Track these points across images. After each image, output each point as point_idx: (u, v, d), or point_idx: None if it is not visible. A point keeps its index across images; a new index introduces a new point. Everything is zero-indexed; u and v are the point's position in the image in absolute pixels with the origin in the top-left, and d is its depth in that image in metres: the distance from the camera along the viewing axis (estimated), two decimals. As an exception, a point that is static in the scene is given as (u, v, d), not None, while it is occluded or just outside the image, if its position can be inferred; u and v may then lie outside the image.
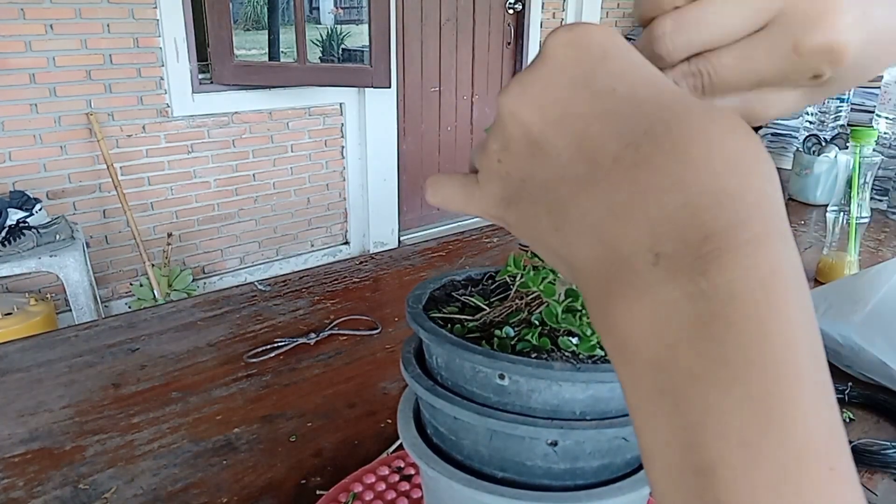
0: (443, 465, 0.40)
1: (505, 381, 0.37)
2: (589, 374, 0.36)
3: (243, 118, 3.24)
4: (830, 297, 0.88)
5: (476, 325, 0.41)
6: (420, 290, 0.45)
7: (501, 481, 0.39)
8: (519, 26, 4.26)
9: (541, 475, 0.39)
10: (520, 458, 0.39)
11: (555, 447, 0.38)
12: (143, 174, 3.01)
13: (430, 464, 0.40)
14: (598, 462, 0.39)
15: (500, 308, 0.42)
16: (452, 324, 0.41)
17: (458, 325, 0.41)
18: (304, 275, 1.10)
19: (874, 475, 0.65)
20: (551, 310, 0.38)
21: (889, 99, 1.57)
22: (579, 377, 0.36)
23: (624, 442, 0.38)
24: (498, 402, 0.38)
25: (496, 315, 0.41)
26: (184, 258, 3.24)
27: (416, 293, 0.44)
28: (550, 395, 0.37)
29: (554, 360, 0.36)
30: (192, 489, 0.62)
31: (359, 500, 0.58)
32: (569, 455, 0.38)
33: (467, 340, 0.38)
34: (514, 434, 0.37)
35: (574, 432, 0.37)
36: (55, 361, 0.83)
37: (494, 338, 0.39)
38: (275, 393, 0.77)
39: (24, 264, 2.39)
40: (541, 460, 0.38)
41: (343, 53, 4.15)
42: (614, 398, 0.37)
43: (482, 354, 0.36)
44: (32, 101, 2.67)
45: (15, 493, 0.61)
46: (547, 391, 0.37)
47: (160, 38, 2.90)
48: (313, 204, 3.63)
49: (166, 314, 0.96)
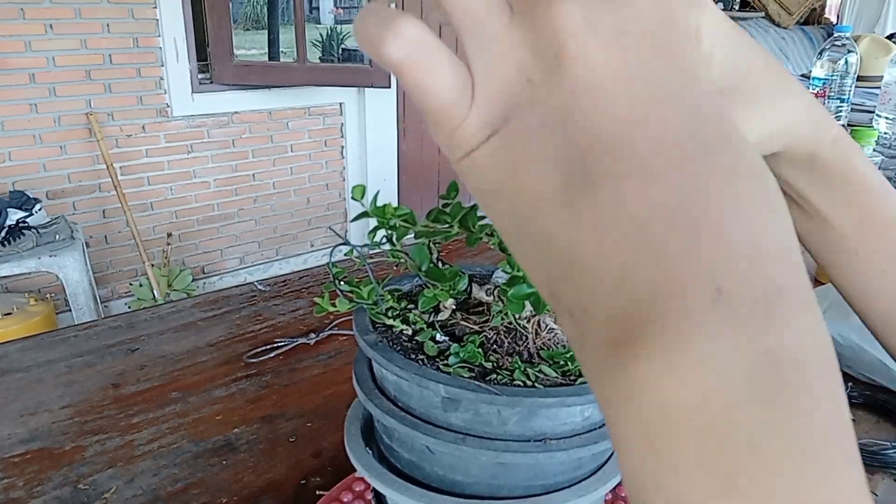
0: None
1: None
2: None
3: (243, 118, 3.24)
4: (830, 297, 0.88)
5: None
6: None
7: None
8: (519, 26, 4.25)
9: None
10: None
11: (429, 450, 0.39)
12: (142, 174, 3.01)
13: None
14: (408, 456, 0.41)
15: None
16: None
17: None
18: (304, 275, 1.10)
19: (874, 475, 0.65)
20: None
21: (889, 99, 1.57)
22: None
23: (427, 452, 0.39)
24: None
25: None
26: (183, 258, 3.24)
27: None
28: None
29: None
30: (192, 489, 0.62)
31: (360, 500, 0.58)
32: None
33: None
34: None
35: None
36: (55, 361, 0.83)
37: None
38: (274, 393, 0.77)
39: (23, 264, 2.39)
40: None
41: (343, 53, 4.15)
42: (414, 396, 0.39)
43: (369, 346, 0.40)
44: (32, 101, 2.67)
45: (15, 493, 0.61)
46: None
47: (160, 38, 2.89)
48: (313, 204, 3.63)
49: (166, 314, 0.96)
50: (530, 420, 0.37)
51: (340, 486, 0.60)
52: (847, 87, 1.63)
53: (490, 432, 0.37)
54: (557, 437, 0.37)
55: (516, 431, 0.37)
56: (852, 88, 1.64)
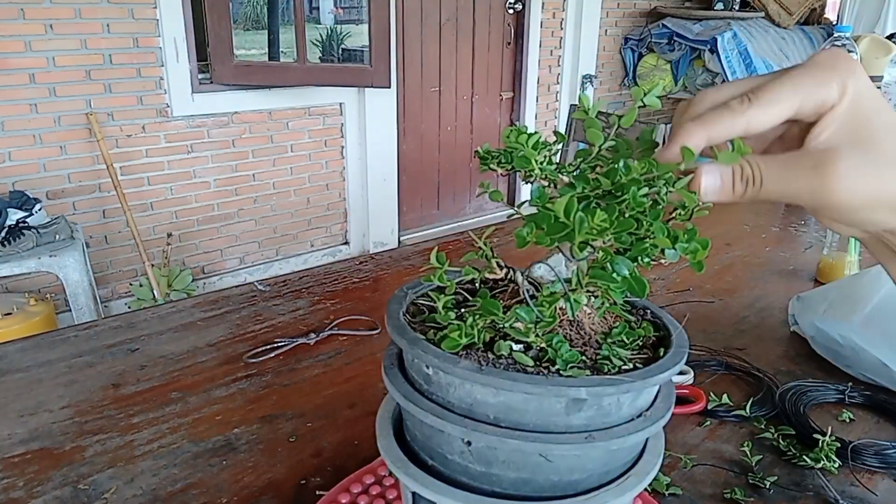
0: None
1: (430, 371, 0.39)
2: (491, 377, 0.35)
3: (243, 118, 3.24)
4: (830, 297, 0.89)
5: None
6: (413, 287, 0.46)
7: (430, 469, 0.41)
8: (519, 26, 4.26)
9: (460, 472, 0.40)
10: (442, 449, 0.40)
11: (469, 446, 0.38)
12: (142, 174, 3.01)
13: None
14: (515, 474, 0.38)
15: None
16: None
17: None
18: (304, 275, 1.10)
19: (874, 475, 0.65)
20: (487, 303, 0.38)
21: (889, 99, 1.57)
22: (480, 378, 0.36)
23: (543, 460, 0.38)
24: (427, 391, 0.40)
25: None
26: (183, 258, 3.24)
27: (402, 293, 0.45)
28: (464, 393, 0.37)
29: (468, 359, 0.37)
30: (192, 489, 0.62)
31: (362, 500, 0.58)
32: (483, 458, 0.38)
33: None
34: (433, 425, 0.38)
35: (483, 435, 0.37)
36: (55, 361, 0.83)
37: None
38: (275, 393, 0.77)
39: (23, 264, 2.39)
40: (458, 457, 0.39)
41: (343, 53, 4.15)
42: (529, 411, 0.37)
43: (408, 341, 0.38)
44: (32, 101, 2.67)
45: (15, 493, 0.61)
46: (461, 388, 0.37)
47: (160, 38, 2.89)
48: (313, 204, 3.63)
49: (166, 314, 0.96)
50: (637, 400, 0.39)
51: (340, 487, 0.60)
52: (847, 87, 1.63)
53: (609, 422, 0.38)
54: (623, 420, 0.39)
55: (627, 414, 0.39)
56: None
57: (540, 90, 4.49)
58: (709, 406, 0.75)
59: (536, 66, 4.39)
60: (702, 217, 0.38)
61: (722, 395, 0.76)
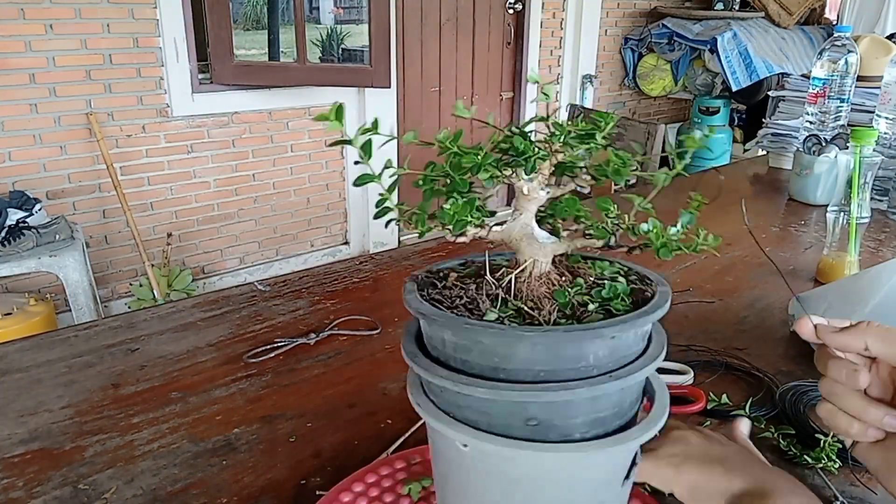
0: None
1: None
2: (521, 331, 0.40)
3: (243, 118, 3.24)
4: (830, 297, 0.89)
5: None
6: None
7: None
8: (519, 26, 4.26)
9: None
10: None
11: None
12: (142, 174, 3.01)
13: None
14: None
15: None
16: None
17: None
18: (304, 275, 1.10)
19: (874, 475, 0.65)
20: None
21: (889, 99, 1.57)
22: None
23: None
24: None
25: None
26: (183, 258, 3.24)
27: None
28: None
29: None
30: (192, 489, 0.62)
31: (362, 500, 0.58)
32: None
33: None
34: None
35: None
36: (55, 361, 0.83)
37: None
38: (274, 393, 0.77)
39: (23, 264, 2.39)
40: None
41: (343, 53, 4.14)
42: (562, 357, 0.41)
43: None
44: (32, 101, 2.67)
45: (15, 493, 0.61)
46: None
47: (160, 38, 2.90)
48: (313, 204, 3.63)
49: (166, 314, 0.96)
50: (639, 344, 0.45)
51: (340, 487, 0.60)
52: (847, 88, 1.62)
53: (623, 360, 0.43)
54: None
55: (633, 353, 0.44)
56: (852, 88, 1.63)
57: (540, 90, 4.49)
58: (709, 406, 0.75)
59: (536, 66, 4.39)
60: (702, 217, 0.38)
61: (722, 395, 0.76)
